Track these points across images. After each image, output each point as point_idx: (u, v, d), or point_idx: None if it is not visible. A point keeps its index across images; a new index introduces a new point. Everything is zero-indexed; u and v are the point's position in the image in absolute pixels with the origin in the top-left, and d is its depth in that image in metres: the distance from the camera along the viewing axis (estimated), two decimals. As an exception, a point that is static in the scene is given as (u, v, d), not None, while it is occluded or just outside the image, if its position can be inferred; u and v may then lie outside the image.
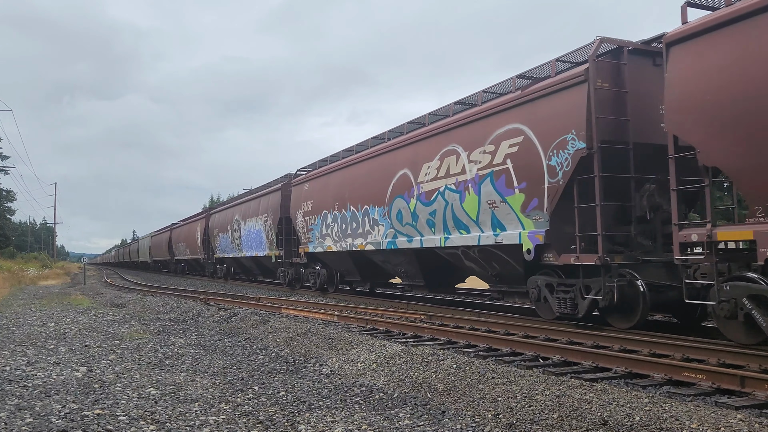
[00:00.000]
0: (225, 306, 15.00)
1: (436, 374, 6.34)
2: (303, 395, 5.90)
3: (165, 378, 6.60)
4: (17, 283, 29.48)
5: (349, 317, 12.03)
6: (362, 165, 16.14)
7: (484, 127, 11.21)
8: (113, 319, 12.71)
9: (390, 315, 12.47)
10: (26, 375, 6.67)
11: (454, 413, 5.23)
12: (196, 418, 4.98)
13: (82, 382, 6.36)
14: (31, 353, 8.20)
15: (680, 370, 6.32)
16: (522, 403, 5.20)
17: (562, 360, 7.41)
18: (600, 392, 5.20)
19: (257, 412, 5.20)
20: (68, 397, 5.66)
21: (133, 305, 16.37)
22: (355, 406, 5.51)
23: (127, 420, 4.91)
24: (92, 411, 5.16)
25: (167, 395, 5.78)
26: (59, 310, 14.60)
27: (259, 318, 11.56)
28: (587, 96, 8.99)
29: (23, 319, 12.65)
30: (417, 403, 5.57)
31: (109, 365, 7.35)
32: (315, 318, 12.57)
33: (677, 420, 4.41)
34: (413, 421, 4.97)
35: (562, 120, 9.41)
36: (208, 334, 10.53)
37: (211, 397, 5.74)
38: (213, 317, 12.61)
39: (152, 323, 12.23)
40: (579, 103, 9.14)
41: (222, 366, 7.45)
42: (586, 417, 4.68)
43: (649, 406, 4.73)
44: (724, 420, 4.37)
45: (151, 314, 14.09)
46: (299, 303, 15.69)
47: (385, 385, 6.34)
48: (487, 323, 10.34)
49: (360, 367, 7.16)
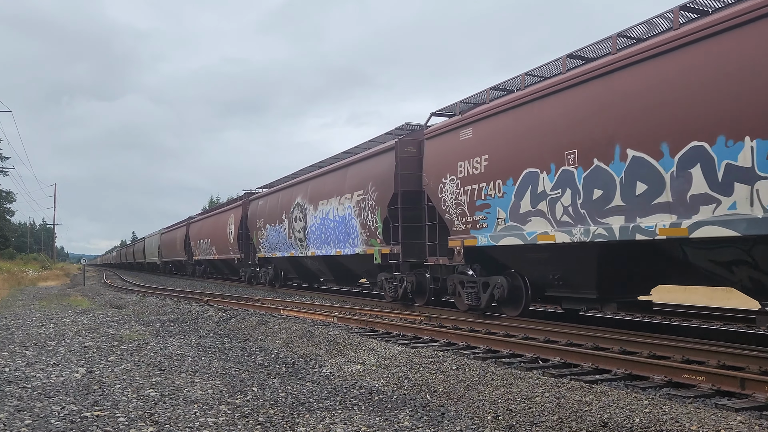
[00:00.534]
0: (224, 307, 15.00)
1: (435, 376, 6.34)
2: (302, 397, 5.89)
3: (164, 379, 6.59)
4: (17, 284, 29.46)
5: (349, 318, 12.02)
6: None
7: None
8: (113, 321, 12.71)
9: (389, 316, 12.46)
10: (26, 376, 6.67)
11: (454, 415, 5.22)
12: (196, 420, 4.97)
13: (81, 383, 6.35)
14: (31, 354, 8.19)
15: (680, 371, 6.31)
16: (522, 404, 5.20)
17: (562, 361, 7.40)
18: (600, 394, 5.19)
19: (256, 414, 5.20)
20: (67, 399, 5.66)
21: (133, 306, 16.36)
22: (354, 408, 5.50)
23: (126, 421, 4.90)
24: (91, 412, 5.16)
25: (166, 396, 5.77)
26: (59, 312, 14.59)
27: (258, 319, 11.55)
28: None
29: (23, 320, 12.65)
30: (416, 405, 5.57)
31: (108, 366, 7.35)
32: (314, 319, 12.57)
33: (677, 422, 4.41)
34: (413, 423, 4.97)
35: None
36: (207, 336, 10.52)
37: (210, 398, 5.73)
38: (212, 318, 12.61)
39: (152, 324, 12.22)
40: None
41: (221, 367, 7.45)
42: (585, 419, 4.68)
43: (649, 407, 4.73)
44: (724, 422, 4.37)
45: (151, 315, 14.08)
46: (299, 304, 15.68)
47: (385, 387, 6.33)
48: (486, 325, 10.34)
49: (359, 369, 7.16)
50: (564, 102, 8.95)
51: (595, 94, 8.43)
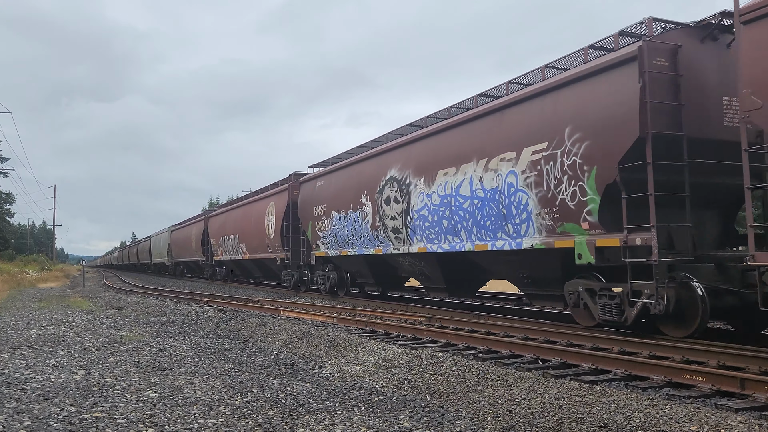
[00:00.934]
0: (224, 308, 14.99)
1: (435, 376, 6.34)
2: (302, 398, 5.88)
3: (164, 381, 6.58)
4: (16, 285, 29.44)
5: (348, 319, 12.02)
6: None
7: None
8: (112, 322, 12.70)
9: (389, 317, 12.46)
10: (25, 378, 6.66)
11: (454, 416, 5.22)
12: (195, 421, 4.97)
13: (80, 384, 6.34)
14: (30, 356, 8.18)
15: (680, 372, 6.31)
16: (521, 405, 5.19)
17: (562, 362, 7.40)
18: (599, 394, 5.19)
19: (256, 415, 5.19)
20: (67, 400, 5.65)
21: (132, 308, 16.36)
22: (354, 409, 5.49)
23: (125, 423, 4.90)
24: (91, 414, 5.15)
25: (166, 398, 5.76)
26: (58, 313, 14.58)
27: (258, 320, 11.55)
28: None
29: (22, 321, 12.63)
30: (416, 406, 5.56)
31: (107, 368, 7.34)
32: (314, 320, 12.56)
33: (677, 422, 4.40)
34: (412, 424, 4.96)
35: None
36: (207, 337, 10.51)
37: (209, 399, 5.73)
38: (212, 320, 12.60)
39: (151, 326, 12.21)
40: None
41: (221, 368, 7.44)
42: (585, 419, 4.67)
43: (649, 408, 4.72)
44: (724, 422, 4.36)
45: (150, 317, 14.07)
46: (298, 305, 15.67)
47: (385, 388, 6.32)
48: (486, 325, 10.33)
49: (359, 370, 7.15)
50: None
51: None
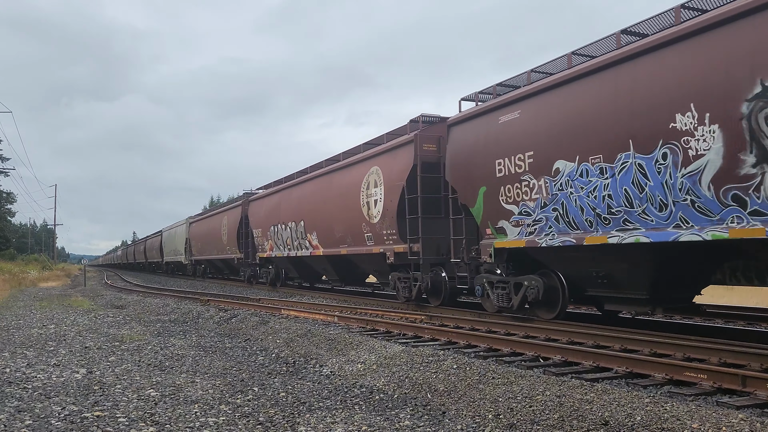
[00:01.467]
0: (225, 307, 14.99)
1: (436, 375, 6.33)
2: (303, 396, 5.89)
3: (165, 379, 6.59)
4: (17, 285, 29.48)
5: (349, 318, 12.02)
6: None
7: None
8: (113, 321, 12.71)
9: (390, 315, 12.46)
10: (26, 377, 6.66)
11: (455, 414, 5.22)
12: (196, 420, 4.97)
13: (81, 383, 6.35)
14: (31, 355, 8.19)
15: (681, 369, 6.30)
16: (522, 403, 5.19)
17: (563, 360, 7.39)
18: (601, 392, 5.18)
19: (257, 414, 5.19)
20: (68, 399, 5.65)
21: (134, 307, 16.37)
22: (355, 407, 5.49)
23: (126, 422, 4.90)
24: (92, 413, 5.16)
25: (167, 397, 5.77)
26: (59, 312, 14.60)
27: (259, 319, 11.55)
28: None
29: (23, 321, 12.65)
30: (417, 404, 5.56)
31: (108, 367, 7.34)
32: (315, 319, 12.56)
33: (678, 420, 4.40)
34: (413, 422, 4.96)
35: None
36: (208, 336, 10.52)
37: (211, 398, 5.73)
38: (213, 318, 12.60)
39: (152, 325, 12.22)
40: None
41: (222, 367, 7.44)
42: (587, 417, 4.67)
43: (651, 406, 4.72)
44: (726, 420, 4.36)
45: (151, 316, 14.08)
46: (299, 304, 15.67)
47: (386, 386, 6.32)
48: (487, 323, 10.33)
49: (360, 368, 7.15)
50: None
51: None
